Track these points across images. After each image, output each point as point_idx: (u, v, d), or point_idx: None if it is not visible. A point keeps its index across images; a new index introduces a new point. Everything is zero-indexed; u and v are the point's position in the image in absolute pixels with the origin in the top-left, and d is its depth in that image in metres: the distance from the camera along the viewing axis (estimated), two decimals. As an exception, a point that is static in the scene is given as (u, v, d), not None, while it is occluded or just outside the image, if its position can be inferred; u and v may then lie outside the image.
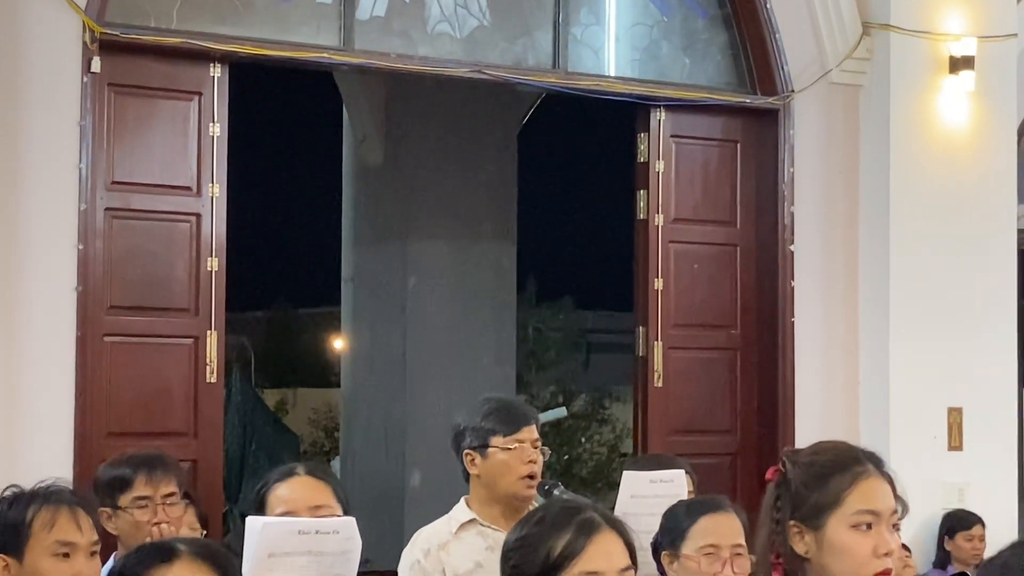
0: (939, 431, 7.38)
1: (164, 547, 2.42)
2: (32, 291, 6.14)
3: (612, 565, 2.69)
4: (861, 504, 2.89)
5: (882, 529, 2.90)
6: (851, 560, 2.88)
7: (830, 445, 3.09)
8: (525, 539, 2.74)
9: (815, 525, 2.90)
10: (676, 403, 7.44)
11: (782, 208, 7.51)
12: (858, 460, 2.95)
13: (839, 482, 2.91)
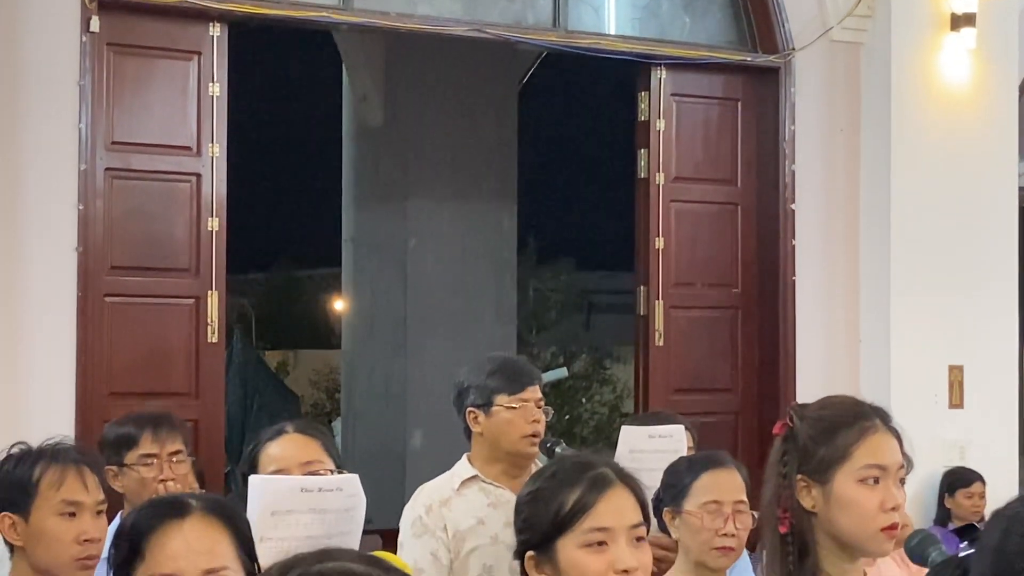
0: (940, 389, 7.39)
1: (176, 502, 2.43)
2: (33, 251, 6.14)
3: (623, 521, 2.70)
4: (869, 458, 2.90)
5: (889, 484, 2.91)
6: (858, 514, 2.89)
7: (838, 400, 3.09)
8: (537, 494, 2.75)
9: (822, 479, 2.91)
10: (677, 362, 7.45)
11: (783, 166, 7.50)
12: (866, 415, 2.95)
13: (847, 436, 2.91)
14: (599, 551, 2.67)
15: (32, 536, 3.30)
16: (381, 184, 10.65)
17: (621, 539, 2.68)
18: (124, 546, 2.38)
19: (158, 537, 2.35)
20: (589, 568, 2.66)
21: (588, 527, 2.67)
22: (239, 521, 2.44)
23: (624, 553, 2.67)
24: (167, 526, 2.36)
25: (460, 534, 4.51)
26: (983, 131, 7.55)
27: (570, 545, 2.68)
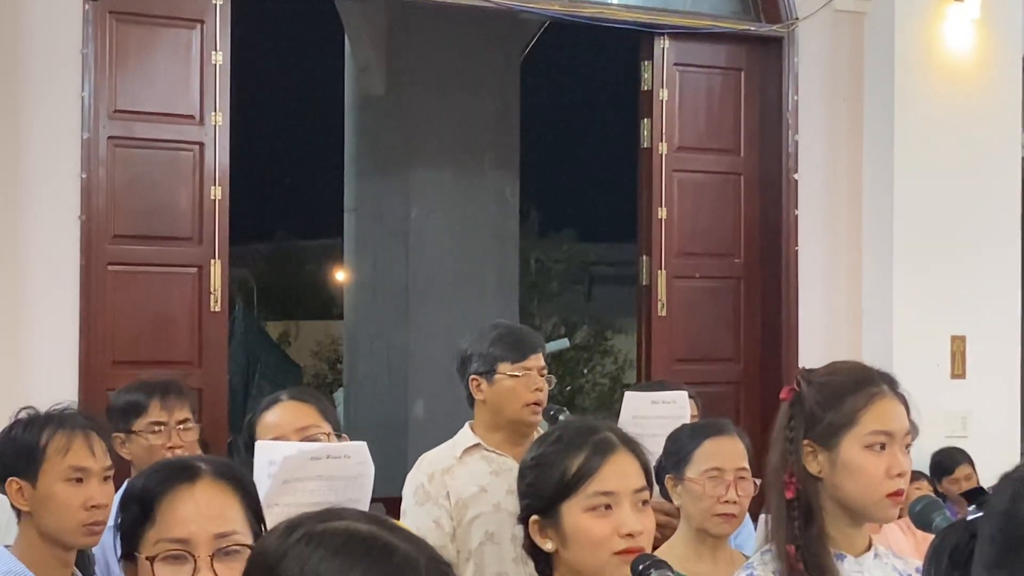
0: (942, 359, 7.39)
1: (186, 466, 2.43)
2: (36, 220, 6.14)
3: (627, 485, 2.71)
4: (876, 424, 2.90)
5: (895, 450, 2.92)
6: (864, 480, 2.89)
7: (845, 365, 3.09)
8: (541, 458, 2.76)
9: (829, 445, 2.91)
10: (679, 332, 7.45)
11: (786, 136, 7.50)
12: (873, 380, 2.96)
13: (854, 402, 2.91)
14: (604, 515, 2.69)
15: (39, 501, 3.31)
16: (383, 154, 10.64)
17: (625, 503, 2.70)
18: (134, 509, 2.39)
19: (169, 501, 2.35)
20: (594, 532, 2.67)
21: (593, 491, 2.69)
22: (248, 485, 2.44)
23: (629, 517, 2.69)
24: (178, 490, 2.36)
25: (462, 502, 4.52)
26: (986, 101, 7.54)
27: (575, 509, 2.69)
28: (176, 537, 2.33)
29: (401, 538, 1.74)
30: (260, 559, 1.75)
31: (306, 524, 1.75)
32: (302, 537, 1.72)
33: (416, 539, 1.76)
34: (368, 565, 1.68)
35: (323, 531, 1.73)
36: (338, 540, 1.71)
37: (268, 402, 3.61)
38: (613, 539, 2.67)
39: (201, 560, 2.32)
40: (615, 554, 2.67)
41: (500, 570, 4.43)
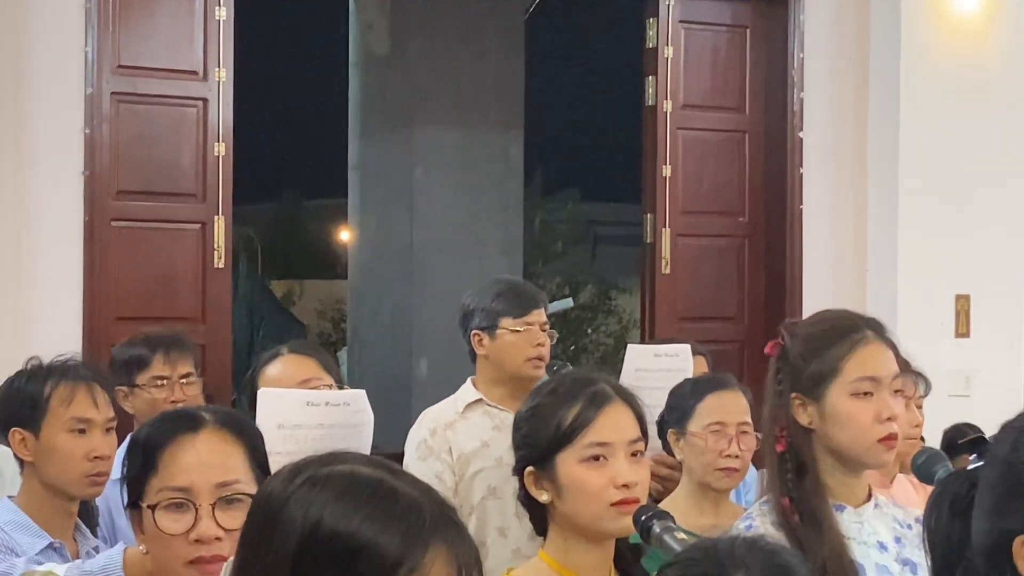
0: (946, 318, 7.39)
1: (190, 415, 2.44)
2: (39, 175, 6.13)
3: (622, 436, 2.71)
4: (859, 371, 2.89)
5: (883, 395, 2.90)
6: (853, 428, 2.89)
7: (828, 314, 3.09)
8: (536, 409, 2.76)
9: (815, 396, 2.91)
10: (683, 290, 7.44)
11: (791, 94, 7.47)
12: (856, 327, 2.94)
13: (836, 350, 2.90)
14: (599, 466, 2.69)
15: (42, 452, 3.32)
16: (387, 113, 10.61)
17: (620, 454, 2.70)
18: (138, 459, 2.40)
19: (172, 450, 2.37)
20: (589, 482, 2.68)
21: (588, 442, 2.69)
22: (252, 434, 2.45)
23: (624, 467, 2.69)
24: (181, 439, 2.37)
25: (464, 457, 4.54)
26: (994, 58, 7.50)
27: (570, 460, 2.69)
28: (178, 486, 2.35)
29: (406, 482, 1.74)
30: (264, 503, 1.75)
31: (310, 468, 1.75)
32: (306, 481, 1.73)
33: (421, 484, 1.76)
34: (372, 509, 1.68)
35: (327, 475, 1.73)
36: (342, 484, 1.71)
37: (269, 356, 3.62)
38: (609, 490, 2.67)
39: (202, 509, 2.33)
40: (612, 505, 2.67)
41: (502, 524, 4.45)
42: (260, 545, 1.72)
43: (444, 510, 1.73)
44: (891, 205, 7.39)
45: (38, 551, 3.20)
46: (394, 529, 1.67)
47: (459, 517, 1.74)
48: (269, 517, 1.72)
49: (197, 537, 2.32)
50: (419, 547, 1.67)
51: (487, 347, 4.58)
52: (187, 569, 2.33)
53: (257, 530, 1.74)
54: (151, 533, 2.36)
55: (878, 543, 2.95)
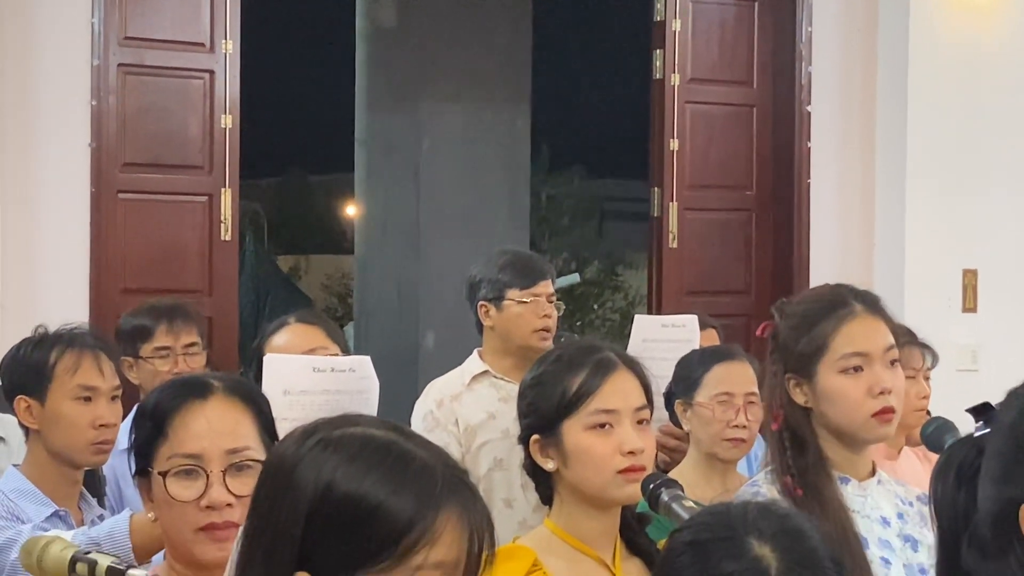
0: (954, 293, 7.37)
1: (198, 382, 2.43)
2: (46, 147, 6.13)
3: (627, 404, 2.71)
4: (847, 347, 2.87)
5: (875, 368, 2.87)
6: (846, 404, 2.87)
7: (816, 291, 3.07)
8: (541, 377, 2.76)
9: (807, 375, 2.89)
10: (690, 264, 7.43)
11: (799, 68, 7.44)
12: (843, 302, 2.92)
13: (823, 327, 2.88)
14: (605, 433, 2.69)
15: (48, 420, 3.32)
16: (394, 86, 10.59)
17: (626, 421, 2.70)
18: (147, 425, 2.39)
19: (181, 417, 2.36)
20: (596, 450, 2.68)
21: (594, 409, 2.69)
22: (260, 401, 2.44)
23: (630, 434, 2.69)
24: (190, 406, 2.37)
25: (471, 428, 4.54)
26: (1004, 32, 7.47)
27: (576, 427, 2.69)
28: (188, 452, 2.34)
29: (418, 445, 1.74)
30: (276, 465, 1.75)
31: (322, 430, 1.75)
32: (318, 443, 1.73)
33: (433, 446, 1.76)
34: (385, 471, 1.68)
35: (340, 437, 1.73)
36: (354, 446, 1.71)
37: (275, 325, 3.62)
38: (615, 457, 2.67)
39: (213, 475, 2.33)
40: (618, 473, 2.67)
41: (508, 496, 4.45)
42: (271, 507, 1.72)
43: (456, 473, 1.73)
44: (899, 179, 7.37)
45: (43, 519, 3.21)
46: (406, 492, 1.67)
47: (471, 480, 1.74)
48: (281, 479, 1.72)
49: (208, 504, 2.32)
50: (431, 510, 1.67)
51: (493, 318, 4.58)
52: (198, 536, 2.33)
53: (268, 492, 1.74)
54: (161, 500, 2.35)
55: (881, 517, 2.94)
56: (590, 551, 2.71)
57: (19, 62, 6.06)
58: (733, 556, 1.78)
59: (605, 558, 2.72)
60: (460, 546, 1.68)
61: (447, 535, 1.67)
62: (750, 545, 1.78)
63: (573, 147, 23.56)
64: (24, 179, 6.08)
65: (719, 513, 1.87)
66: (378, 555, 1.66)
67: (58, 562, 2.14)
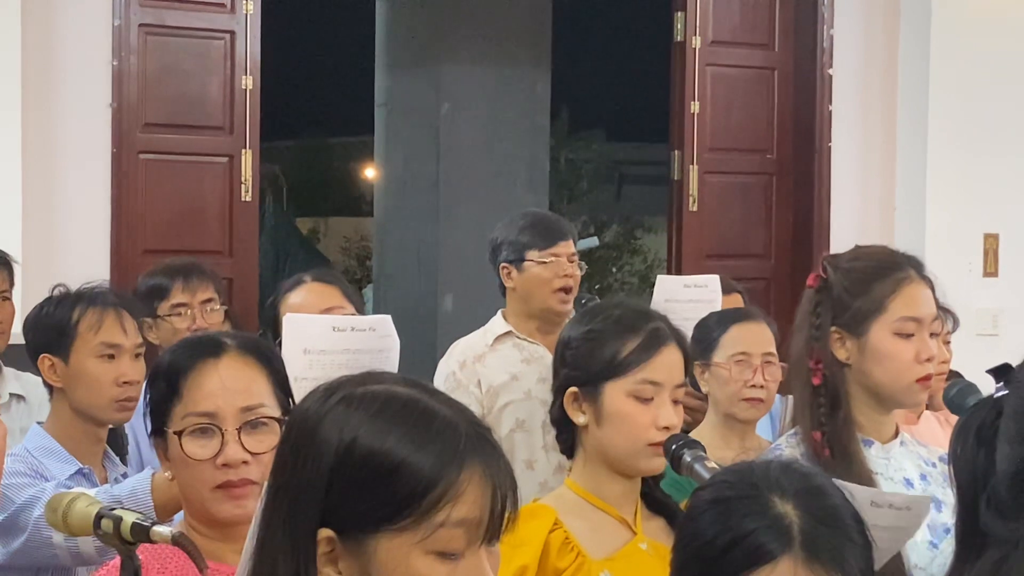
0: (975, 257, 7.35)
1: (212, 340, 2.43)
2: (68, 107, 6.13)
3: (671, 379, 2.72)
4: (905, 311, 2.88)
5: (924, 335, 2.90)
6: (894, 366, 2.88)
7: (871, 250, 3.07)
8: (592, 333, 2.75)
9: (858, 331, 2.90)
10: (710, 227, 7.42)
11: (821, 31, 7.41)
12: (900, 265, 2.93)
13: (882, 288, 2.89)
14: (645, 404, 2.69)
15: (71, 378, 3.34)
16: (414, 48, 10.57)
17: (667, 396, 2.71)
18: (161, 385, 2.39)
19: (195, 376, 2.36)
20: (635, 418, 2.68)
21: (641, 378, 2.69)
22: (274, 359, 2.44)
23: (668, 410, 2.70)
24: (203, 365, 2.36)
25: (493, 389, 4.55)
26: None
27: (619, 391, 2.69)
28: (203, 411, 2.35)
29: (441, 402, 1.74)
30: (299, 421, 1.75)
31: (345, 387, 1.76)
32: (341, 400, 1.73)
33: (456, 404, 1.76)
34: (408, 428, 1.69)
35: (363, 394, 1.73)
36: (377, 403, 1.72)
37: (292, 283, 3.61)
38: (650, 430, 2.68)
39: (228, 433, 2.33)
40: (650, 445, 2.68)
41: (530, 457, 4.47)
42: (295, 464, 1.72)
43: (479, 430, 1.73)
44: (920, 143, 7.34)
45: (67, 476, 3.23)
46: (430, 449, 1.68)
47: (494, 437, 1.74)
48: (304, 436, 1.72)
49: (224, 462, 2.33)
50: (454, 467, 1.67)
51: (515, 280, 4.59)
52: (214, 494, 2.34)
53: (292, 449, 1.75)
54: (177, 459, 2.36)
55: (904, 479, 2.95)
56: (612, 510, 2.72)
57: (40, 22, 6.07)
58: (755, 513, 1.78)
59: (627, 518, 2.73)
60: (483, 504, 1.68)
61: (470, 492, 1.67)
62: (772, 502, 1.79)
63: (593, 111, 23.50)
64: (45, 140, 6.09)
65: (741, 471, 1.87)
66: (401, 512, 1.66)
67: (83, 518, 2.15)
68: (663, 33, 7.67)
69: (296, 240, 13.41)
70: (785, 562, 1.76)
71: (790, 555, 1.76)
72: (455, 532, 1.67)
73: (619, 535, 2.71)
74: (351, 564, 1.70)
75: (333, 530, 1.69)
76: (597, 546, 2.68)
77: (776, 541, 1.76)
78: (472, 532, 1.68)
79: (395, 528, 1.67)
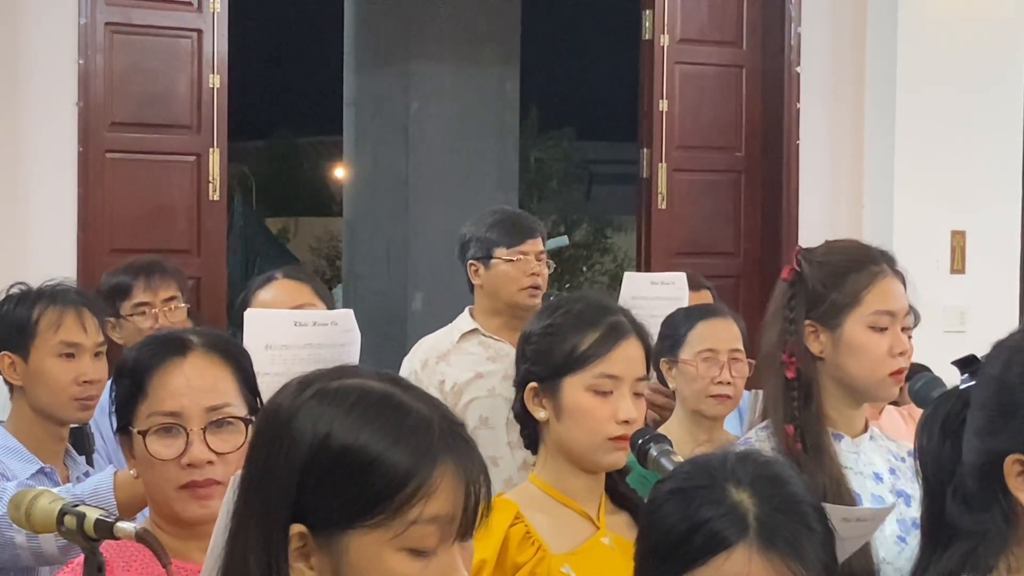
0: (942, 254, 7.37)
1: (177, 338, 2.40)
2: (33, 106, 6.10)
3: (631, 372, 2.71)
4: (879, 304, 2.89)
5: (897, 329, 2.91)
6: (868, 360, 2.89)
7: (844, 244, 3.07)
8: (551, 328, 2.73)
9: (832, 325, 2.90)
10: (680, 225, 7.43)
11: (789, 29, 7.42)
12: (874, 259, 2.94)
13: (857, 281, 2.90)
14: (604, 397, 2.68)
15: (31, 376, 3.31)
16: (383, 47, 10.54)
17: (626, 389, 2.69)
18: (125, 383, 2.37)
19: (160, 375, 2.33)
20: (593, 412, 2.67)
21: (600, 372, 2.67)
22: (241, 356, 2.41)
23: (628, 403, 2.69)
24: (169, 363, 2.34)
25: (458, 387, 4.54)
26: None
27: (577, 385, 2.68)
28: (168, 410, 2.32)
29: (415, 397, 1.73)
30: (272, 415, 1.74)
31: (319, 381, 1.74)
32: (315, 394, 1.72)
33: (430, 399, 1.75)
34: (382, 423, 1.68)
35: (337, 388, 1.72)
36: (352, 397, 1.70)
37: (262, 280, 3.60)
38: (610, 424, 2.66)
39: (193, 433, 2.31)
40: (609, 439, 2.67)
41: (494, 454, 4.45)
42: (267, 458, 1.71)
43: (453, 426, 1.72)
44: (888, 141, 7.36)
45: (29, 476, 3.21)
46: (404, 444, 1.67)
47: (467, 433, 1.73)
48: (277, 430, 1.71)
49: (189, 461, 2.30)
50: (428, 462, 1.66)
51: (482, 277, 4.58)
52: (179, 493, 2.31)
53: (265, 443, 1.73)
54: (142, 458, 2.34)
55: (874, 473, 2.95)
56: (575, 505, 2.71)
57: (5, 20, 6.03)
58: (712, 502, 1.79)
59: (590, 512, 2.72)
60: (456, 500, 1.68)
61: (443, 489, 1.67)
62: (728, 491, 1.80)
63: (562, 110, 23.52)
64: (11, 138, 6.05)
65: (700, 463, 1.88)
66: (374, 508, 1.65)
67: (46, 515, 2.13)
68: (631, 31, 7.68)
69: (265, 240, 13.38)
70: (741, 549, 1.76)
71: (745, 542, 1.77)
72: (428, 529, 1.66)
73: (582, 530, 2.70)
74: (323, 560, 1.68)
75: (305, 525, 1.68)
76: (559, 540, 2.67)
77: (731, 528, 1.77)
78: (445, 529, 1.68)
79: (368, 524, 1.66)
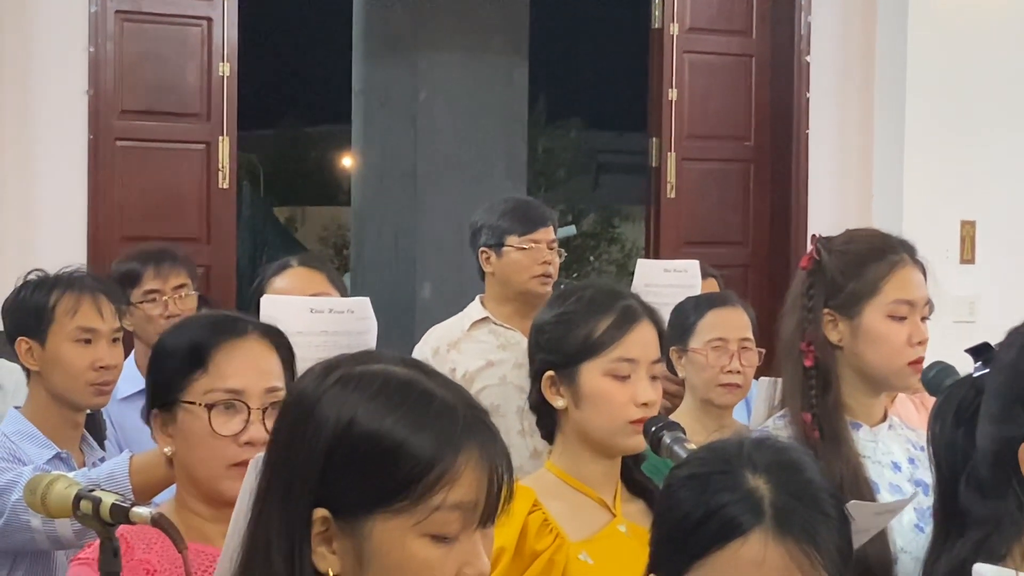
0: (951, 244, 7.37)
1: (234, 319, 2.45)
2: (43, 94, 6.10)
3: (647, 355, 2.72)
4: (898, 293, 2.89)
5: (916, 319, 2.91)
6: (887, 349, 2.89)
7: (864, 233, 3.07)
8: (564, 316, 2.75)
9: (851, 313, 2.90)
10: (688, 214, 7.43)
11: (799, 18, 7.41)
12: (894, 248, 2.94)
13: (876, 270, 2.89)
14: (622, 381, 2.69)
15: (48, 361, 3.33)
16: (391, 36, 10.54)
17: (643, 372, 2.71)
18: (178, 357, 2.38)
19: (226, 351, 2.36)
20: (612, 397, 2.68)
21: (616, 356, 2.69)
22: (287, 345, 2.45)
23: (646, 386, 2.70)
24: (231, 342, 2.37)
25: (469, 375, 4.55)
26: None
27: (595, 371, 2.69)
28: (231, 388, 2.35)
29: (439, 383, 1.73)
30: (296, 401, 1.74)
31: (343, 366, 1.74)
32: (339, 379, 1.72)
33: (454, 386, 1.75)
34: (406, 410, 1.68)
35: (361, 374, 1.72)
36: (376, 384, 1.71)
37: (277, 267, 3.59)
38: (629, 407, 2.68)
39: (254, 412, 2.34)
40: (630, 423, 2.68)
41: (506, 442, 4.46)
42: (291, 443, 1.71)
43: (476, 412, 1.72)
44: (897, 130, 7.35)
45: (45, 461, 3.22)
46: (428, 431, 1.67)
47: (490, 420, 1.73)
48: (301, 415, 1.71)
49: (248, 440, 2.32)
50: (452, 449, 1.66)
51: (494, 264, 4.59)
52: (230, 471, 2.32)
53: (289, 428, 1.73)
54: (192, 432, 2.35)
55: (892, 463, 2.95)
56: (592, 492, 2.72)
57: (16, 9, 6.04)
58: (728, 488, 1.79)
59: (606, 499, 2.73)
60: (479, 487, 1.68)
61: (467, 476, 1.67)
62: (744, 477, 1.80)
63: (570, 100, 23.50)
64: (21, 126, 6.06)
65: (716, 449, 1.89)
66: (397, 494, 1.65)
67: (62, 500, 2.14)
68: (641, 20, 7.67)
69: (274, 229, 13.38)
70: (756, 535, 1.76)
71: (761, 528, 1.77)
72: (451, 515, 1.66)
73: (598, 517, 2.71)
74: (346, 544, 1.68)
75: (328, 510, 1.68)
76: (576, 528, 2.68)
77: (747, 514, 1.77)
78: (468, 515, 1.68)
79: (391, 510, 1.66)
